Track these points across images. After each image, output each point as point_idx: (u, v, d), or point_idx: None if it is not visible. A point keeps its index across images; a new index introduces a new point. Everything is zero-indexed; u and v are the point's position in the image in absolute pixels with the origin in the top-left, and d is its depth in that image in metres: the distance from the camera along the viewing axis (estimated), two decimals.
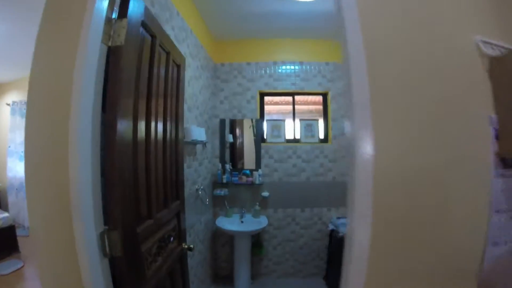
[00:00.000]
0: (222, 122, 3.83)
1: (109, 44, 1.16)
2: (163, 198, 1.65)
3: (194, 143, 2.71)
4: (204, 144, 3.14)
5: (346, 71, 1.12)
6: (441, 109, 1.14)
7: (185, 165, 2.49)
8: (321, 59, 3.94)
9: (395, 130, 1.10)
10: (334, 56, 3.96)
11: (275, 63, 3.92)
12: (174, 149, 1.85)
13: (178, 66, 1.99)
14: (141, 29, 1.37)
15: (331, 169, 3.89)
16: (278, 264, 3.89)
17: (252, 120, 3.87)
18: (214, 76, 3.82)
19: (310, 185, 3.88)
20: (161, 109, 1.62)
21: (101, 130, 1.12)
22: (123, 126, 1.17)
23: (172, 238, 1.80)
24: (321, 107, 4.10)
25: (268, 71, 3.92)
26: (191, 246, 2.05)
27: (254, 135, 3.86)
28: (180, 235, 2.00)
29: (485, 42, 1.20)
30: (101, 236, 1.10)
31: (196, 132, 2.63)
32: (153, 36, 1.51)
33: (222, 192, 3.64)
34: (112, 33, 1.17)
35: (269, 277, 3.89)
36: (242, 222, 3.60)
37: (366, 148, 1.06)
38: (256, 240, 3.70)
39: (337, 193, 3.87)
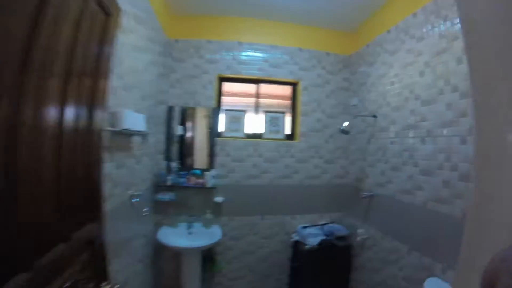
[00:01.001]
0: (170, 110, 3.10)
1: None
2: (56, 226, 0.93)
3: (128, 133, 1.97)
4: (144, 136, 2.39)
5: None
6: None
7: (112, 164, 1.78)
8: (294, 44, 3.38)
9: None
10: (309, 43, 3.42)
11: (240, 44, 3.29)
12: (86, 144, 1.13)
13: (107, 16, 1.26)
14: None
15: (298, 170, 3.34)
16: (234, 280, 3.28)
17: (207, 109, 3.17)
18: (165, 53, 3.07)
19: (273, 189, 3.32)
20: (59, 75, 0.90)
21: None
22: None
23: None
24: (288, 102, 3.54)
25: (231, 53, 3.26)
26: (118, 286, 1.34)
27: (209, 128, 3.18)
28: (99, 272, 1.29)
29: None
30: None
31: (131, 118, 1.88)
32: None
33: (167, 197, 2.93)
34: None
35: None
36: (190, 233, 2.94)
37: None
38: (208, 254, 3.03)
39: (303, 199, 3.39)
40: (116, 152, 1.85)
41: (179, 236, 2.85)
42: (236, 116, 3.34)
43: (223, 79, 3.35)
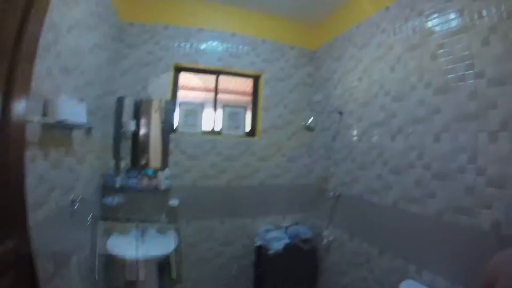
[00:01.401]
0: (120, 101, 2.76)
1: None
2: None
3: (67, 126, 1.64)
4: (87, 130, 2.06)
5: None
6: None
7: (46, 164, 1.49)
8: (257, 34, 3.23)
9: None
10: (273, 34, 3.30)
11: (200, 30, 3.05)
12: None
13: None
14: None
15: (259, 169, 3.18)
16: None
17: (161, 101, 2.88)
18: (117, 37, 2.73)
19: (232, 190, 3.14)
20: None
21: None
22: None
23: None
24: (248, 98, 3.40)
25: (190, 40, 3.01)
26: None
27: (163, 122, 2.89)
28: None
29: None
30: None
31: (69, 108, 1.55)
32: None
33: (116, 201, 2.60)
34: None
35: None
36: (144, 241, 2.63)
37: None
38: (165, 262, 2.75)
39: (265, 200, 3.25)
40: (51, 149, 1.54)
41: (132, 245, 2.54)
42: (193, 110, 3.10)
43: (180, 69, 3.08)
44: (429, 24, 1.96)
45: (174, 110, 3.01)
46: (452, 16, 1.77)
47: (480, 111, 1.55)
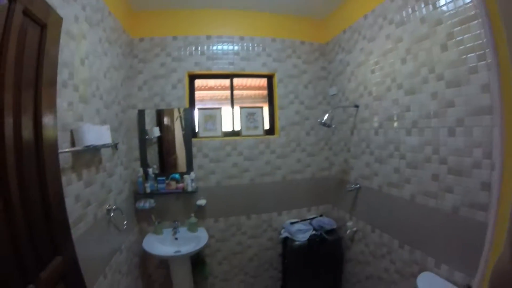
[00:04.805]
0: (141, 114, 3.07)
1: None
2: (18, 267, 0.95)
3: (93, 149, 1.80)
4: (114, 146, 2.23)
5: None
6: None
7: (80, 184, 1.79)
8: (266, 34, 3.45)
9: None
10: (282, 31, 3.48)
11: (209, 37, 3.32)
12: (34, 172, 1.13)
13: (43, 27, 1.11)
14: None
15: (280, 166, 3.34)
16: (226, 281, 3.44)
17: (179, 109, 3.03)
18: (129, 54, 3.14)
19: (255, 187, 3.45)
20: None
21: None
22: None
23: None
24: (265, 92, 3.48)
25: (199, 48, 3.29)
26: None
27: (183, 129, 3.11)
28: None
29: None
30: None
31: (93, 133, 1.88)
32: None
33: (147, 205, 3.05)
34: None
35: None
36: (176, 238, 3.05)
37: None
38: (197, 257, 3.18)
39: (288, 194, 3.51)
40: (83, 171, 1.89)
41: (165, 243, 3.00)
42: (212, 114, 3.33)
43: (194, 76, 3.33)
44: (437, 12, 1.95)
45: (193, 116, 3.23)
46: (461, 3, 1.69)
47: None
